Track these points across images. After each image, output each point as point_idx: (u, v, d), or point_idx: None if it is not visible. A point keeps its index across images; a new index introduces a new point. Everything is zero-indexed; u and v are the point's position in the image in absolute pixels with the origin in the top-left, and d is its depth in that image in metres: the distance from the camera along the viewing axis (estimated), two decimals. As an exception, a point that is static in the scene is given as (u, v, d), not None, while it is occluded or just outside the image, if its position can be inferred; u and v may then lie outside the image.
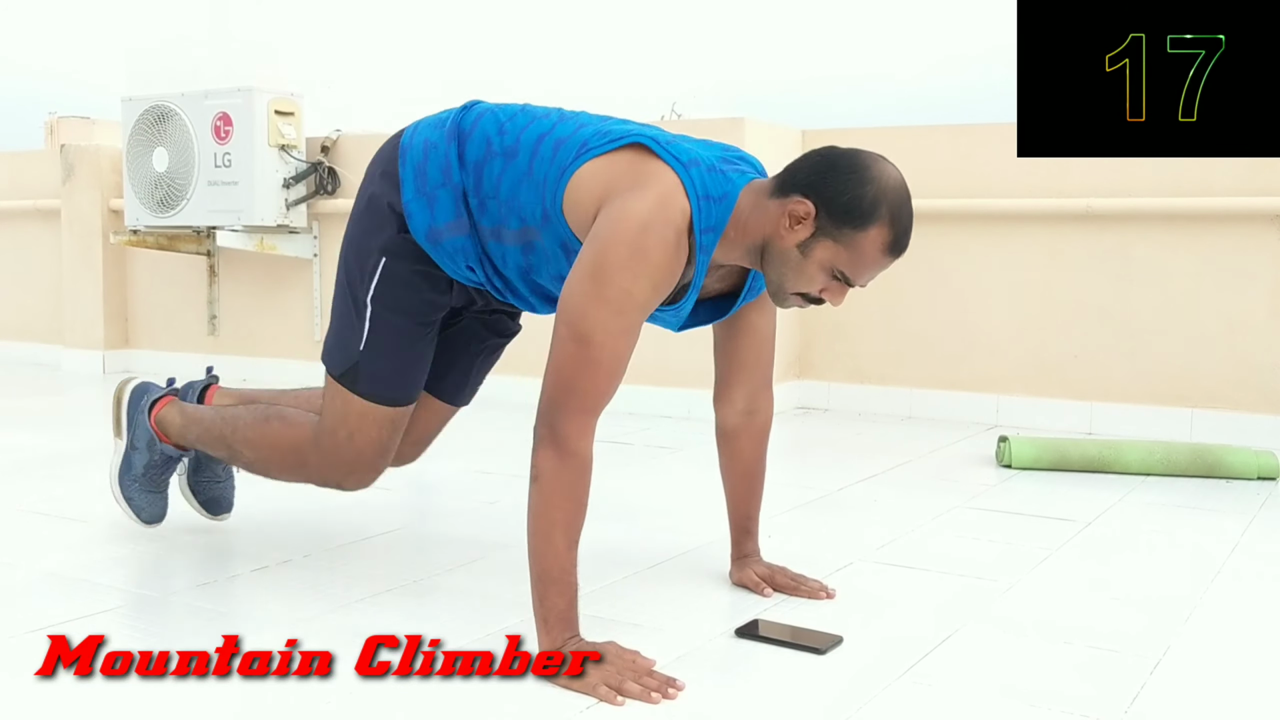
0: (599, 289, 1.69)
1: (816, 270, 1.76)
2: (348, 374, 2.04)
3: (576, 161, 1.80)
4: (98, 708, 1.58)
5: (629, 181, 1.75)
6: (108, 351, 5.40)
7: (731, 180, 1.80)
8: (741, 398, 2.10)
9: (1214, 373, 3.78)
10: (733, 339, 2.07)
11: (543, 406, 1.71)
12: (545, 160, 1.84)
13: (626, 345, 1.72)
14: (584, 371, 1.69)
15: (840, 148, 1.78)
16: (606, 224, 1.72)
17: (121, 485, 2.34)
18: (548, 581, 1.70)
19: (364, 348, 2.02)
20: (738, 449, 2.13)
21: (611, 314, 1.69)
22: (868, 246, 1.73)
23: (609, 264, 1.69)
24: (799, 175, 1.76)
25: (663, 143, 1.79)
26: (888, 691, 1.65)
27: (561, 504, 1.69)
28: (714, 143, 1.92)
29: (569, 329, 1.70)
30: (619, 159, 1.79)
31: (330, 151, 4.81)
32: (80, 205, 5.42)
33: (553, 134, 1.87)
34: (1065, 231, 3.97)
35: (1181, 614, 2.01)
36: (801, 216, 1.73)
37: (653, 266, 1.70)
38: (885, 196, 1.72)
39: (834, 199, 1.71)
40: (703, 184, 1.76)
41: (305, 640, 1.87)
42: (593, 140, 1.82)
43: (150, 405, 2.31)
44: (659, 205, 1.71)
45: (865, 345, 4.31)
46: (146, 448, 2.31)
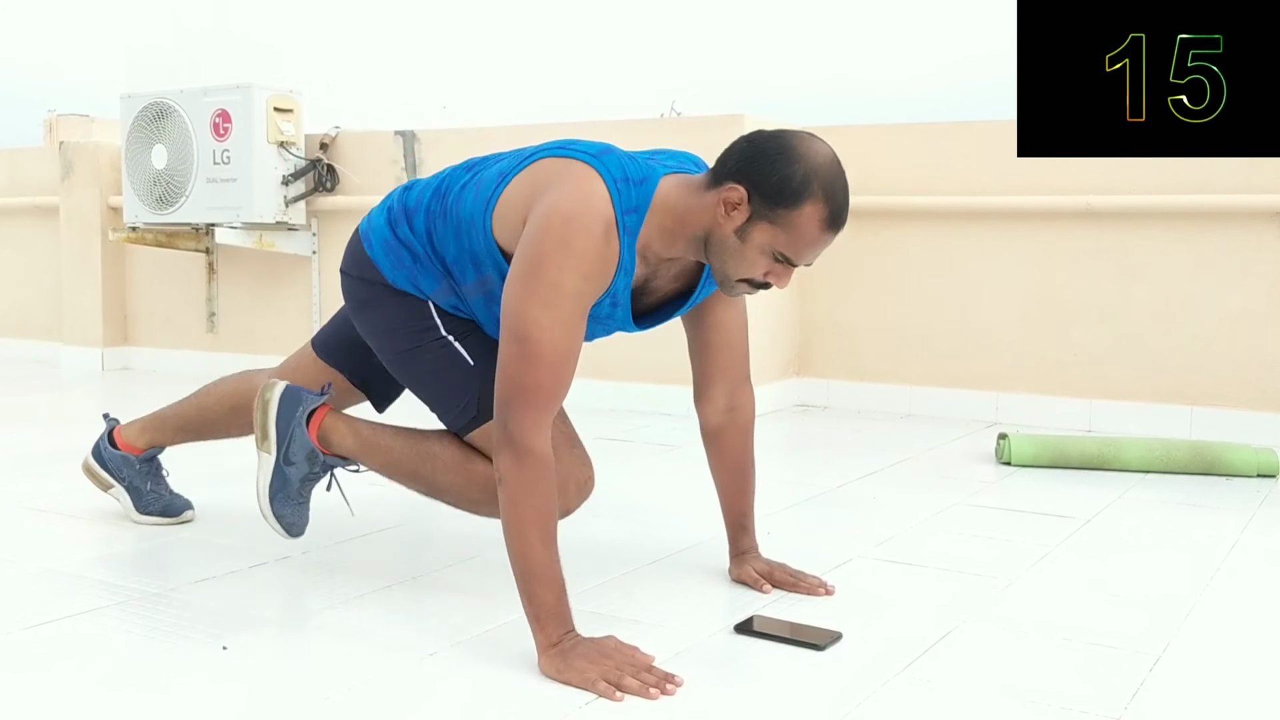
0: (528, 286, 1.72)
1: (756, 254, 1.77)
2: (482, 399, 1.94)
3: (497, 190, 1.86)
4: (98, 707, 1.58)
5: (547, 183, 1.79)
6: (106, 349, 5.40)
7: (651, 167, 1.83)
8: (721, 395, 2.11)
9: (1214, 370, 3.78)
10: (703, 338, 2.09)
11: (496, 410, 1.74)
12: (469, 202, 1.90)
13: (565, 338, 1.73)
14: (527, 369, 1.71)
15: (767, 130, 1.80)
16: (531, 226, 1.76)
17: (273, 504, 2.13)
18: (532, 580, 1.70)
19: (474, 361, 1.97)
20: (724, 447, 2.14)
21: (543, 308, 1.71)
22: (804, 224, 1.73)
23: (536, 260, 1.72)
24: (729, 163, 1.77)
25: (573, 146, 1.84)
26: (886, 688, 1.65)
27: (528, 502, 1.71)
28: (661, 150, 1.95)
29: (508, 330, 1.73)
30: (534, 170, 1.84)
31: (329, 148, 4.80)
32: (79, 202, 5.41)
33: (473, 181, 1.93)
34: (1065, 229, 3.97)
35: (1181, 611, 2.01)
36: (735, 203, 1.74)
37: (579, 257, 1.72)
38: (816, 173, 1.72)
39: (764, 181, 1.73)
40: (619, 168, 1.79)
41: (304, 636, 1.87)
42: (507, 167, 1.88)
43: (307, 416, 2.12)
44: (578, 196, 1.74)
45: (864, 342, 4.31)
46: (305, 460, 2.11)
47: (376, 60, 7.29)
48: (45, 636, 1.83)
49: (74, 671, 1.70)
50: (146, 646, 1.80)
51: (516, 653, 1.74)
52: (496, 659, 1.74)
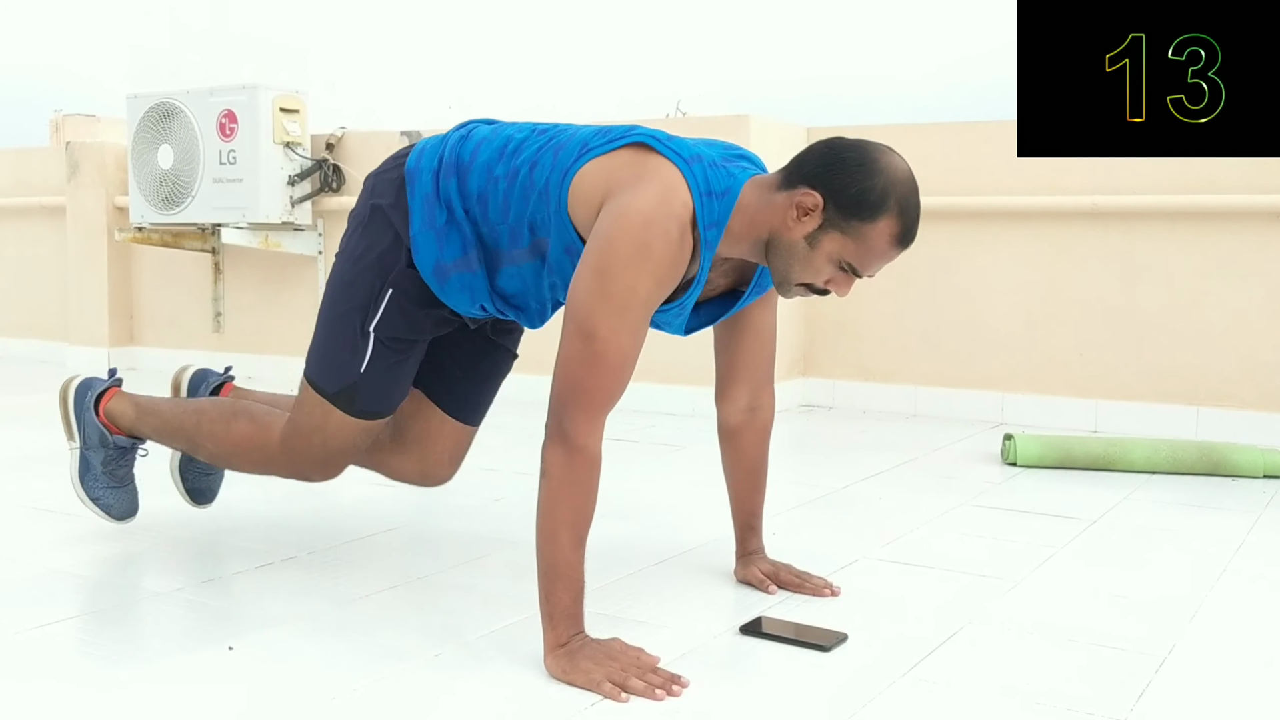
0: (603, 286, 1.69)
1: (824, 262, 1.75)
2: (343, 393, 2.02)
3: (578, 162, 1.80)
4: (103, 707, 1.59)
5: (630, 177, 1.74)
6: (113, 348, 5.41)
7: (734, 175, 1.80)
8: (744, 395, 2.10)
9: (1220, 370, 3.77)
10: (735, 337, 2.07)
11: (552, 404, 1.71)
12: (546, 167, 1.84)
13: (633, 342, 1.72)
14: (591, 369, 1.69)
15: (847, 139, 1.77)
16: (609, 220, 1.72)
17: (85, 487, 2.30)
18: (553, 578, 1.70)
19: (364, 371, 2.01)
20: (741, 446, 2.13)
21: (616, 310, 1.69)
22: (876, 238, 1.72)
23: (613, 260, 1.69)
24: (806, 167, 1.75)
25: (663, 140, 1.79)
26: (892, 689, 1.65)
27: (569, 500, 1.69)
28: (715, 141, 1.91)
29: (575, 326, 1.70)
30: (620, 157, 1.79)
31: (335, 149, 4.81)
32: (85, 202, 5.42)
33: (551, 144, 1.87)
34: (1070, 229, 3.96)
35: (1186, 613, 2.01)
36: (809, 208, 1.72)
37: (655, 262, 1.69)
38: (894, 188, 1.71)
39: (842, 191, 1.71)
40: (705, 179, 1.76)
41: (310, 637, 1.87)
42: (593, 140, 1.83)
43: (95, 400, 2.29)
44: (661, 200, 1.71)
45: (870, 343, 4.31)
46: (99, 443, 2.29)
47: (383, 60, 7.31)
48: (50, 637, 1.84)
49: (78, 672, 1.70)
50: (151, 647, 1.80)
51: (522, 653, 1.75)
52: (502, 660, 1.74)
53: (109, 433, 2.28)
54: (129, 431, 2.29)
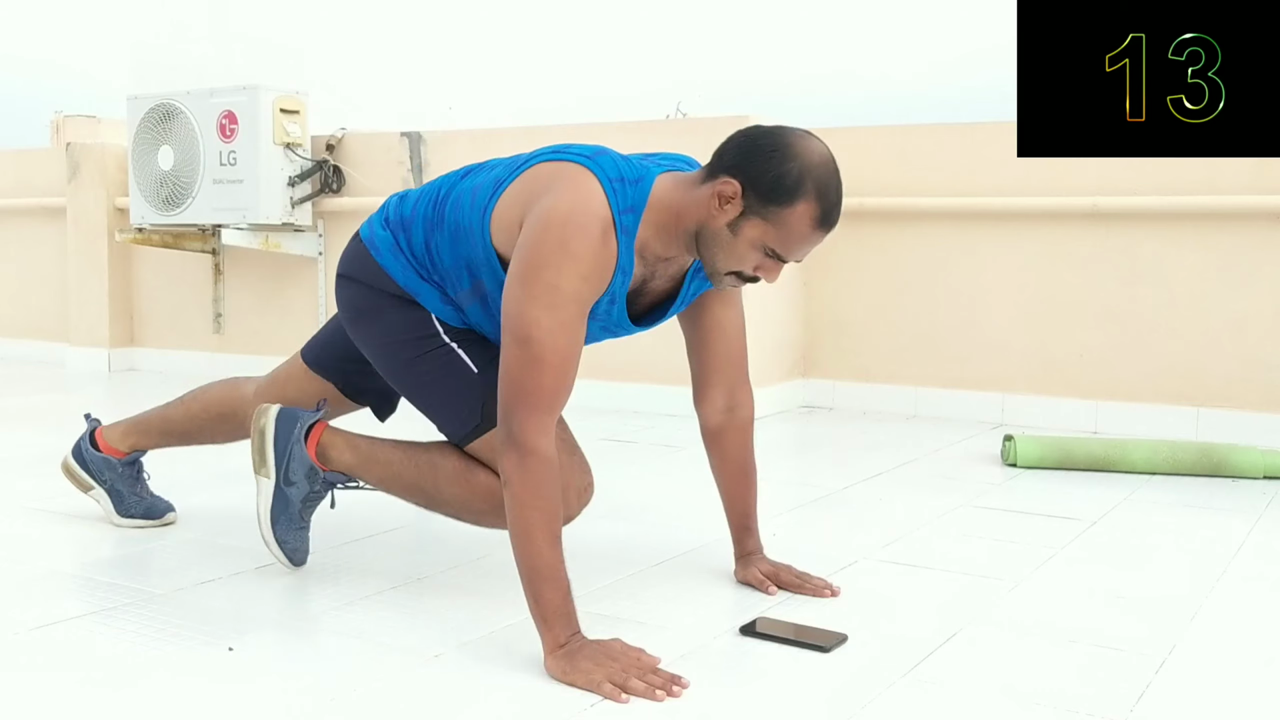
0: (528, 289, 1.72)
1: (747, 249, 1.77)
2: (486, 408, 1.91)
3: (494, 197, 1.86)
4: (103, 708, 1.59)
5: (542, 188, 1.79)
6: (113, 349, 5.41)
7: (645, 167, 1.84)
8: (720, 396, 2.11)
9: (1220, 371, 3.77)
10: (701, 338, 2.09)
11: (500, 413, 1.74)
12: (465, 208, 1.90)
13: (568, 341, 1.74)
14: (529, 371, 1.71)
15: (765, 125, 1.80)
16: (528, 229, 1.76)
17: (275, 528, 2.11)
18: (538, 580, 1.71)
19: (478, 370, 1.95)
20: (725, 447, 2.14)
21: (544, 310, 1.71)
22: (795, 222, 1.74)
23: (534, 263, 1.72)
24: (725, 157, 1.78)
25: (565, 149, 1.84)
26: (892, 690, 1.65)
27: (533, 503, 1.71)
28: (653, 153, 1.95)
29: (509, 333, 1.74)
30: (528, 177, 1.84)
31: (335, 150, 4.81)
32: (85, 203, 5.42)
33: (469, 187, 1.93)
34: (1071, 230, 3.96)
35: (1187, 613, 2.00)
36: (729, 196, 1.75)
37: (577, 258, 1.72)
38: (810, 172, 1.73)
39: (759, 177, 1.73)
40: (613, 168, 1.79)
41: (310, 638, 1.87)
42: (503, 174, 1.88)
43: (305, 433, 2.08)
44: (575, 199, 1.75)
45: (870, 344, 4.31)
46: (305, 479, 2.08)
47: (383, 61, 7.31)
48: (50, 637, 1.84)
49: (79, 672, 1.70)
50: (152, 648, 1.80)
51: (522, 654, 1.75)
52: (502, 660, 1.74)
53: (319, 469, 2.07)
54: (348, 473, 2.10)
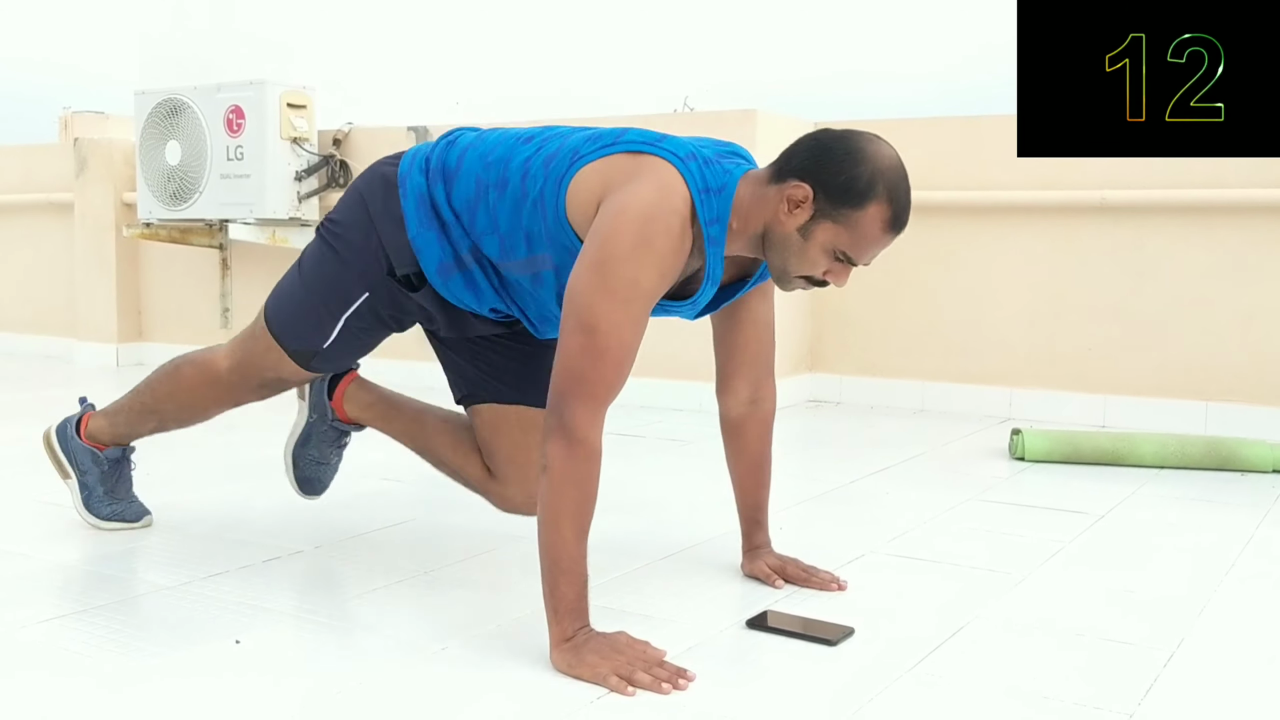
0: (603, 279, 1.69)
1: (819, 253, 1.76)
2: (300, 353, 2.12)
3: (571, 169, 1.82)
4: (110, 701, 1.59)
5: (626, 176, 1.76)
6: (121, 345, 5.42)
7: (728, 171, 1.81)
8: (745, 387, 2.10)
9: (1229, 365, 3.76)
10: (734, 329, 2.07)
11: (552, 398, 1.71)
12: (538, 178, 1.85)
13: (633, 335, 1.72)
14: (591, 362, 1.69)
15: (833, 129, 1.79)
16: (607, 216, 1.72)
17: (93, 512, 2.40)
18: (557, 571, 1.70)
19: (328, 347, 2.11)
20: (744, 439, 2.13)
21: (617, 304, 1.69)
22: (867, 225, 1.73)
23: (613, 254, 1.69)
24: (795, 160, 1.76)
25: (655, 141, 1.81)
26: (898, 684, 1.65)
27: (570, 493, 1.69)
28: (706, 139, 1.92)
29: (575, 320, 1.70)
30: (614, 160, 1.80)
31: (342, 144, 4.81)
32: (93, 199, 5.43)
33: (540, 154, 1.88)
34: (1078, 224, 3.95)
35: (1194, 608, 2.00)
36: (800, 200, 1.74)
37: (658, 255, 1.70)
38: (881, 175, 1.72)
39: (830, 180, 1.72)
40: (701, 177, 1.77)
41: (316, 631, 1.87)
42: (584, 148, 1.84)
43: (75, 428, 2.40)
44: (660, 194, 1.72)
45: (877, 338, 4.30)
46: (92, 463, 2.38)
47: (390, 56, 7.31)
48: (57, 630, 1.84)
49: (86, 665, 1.70)
50: (159, 641, 1.80)
51: (528, 647, 1.74)
52: (508, 654, 1.74)
53: (97, 451, 2.38)
54: (111, 441, 2.39)
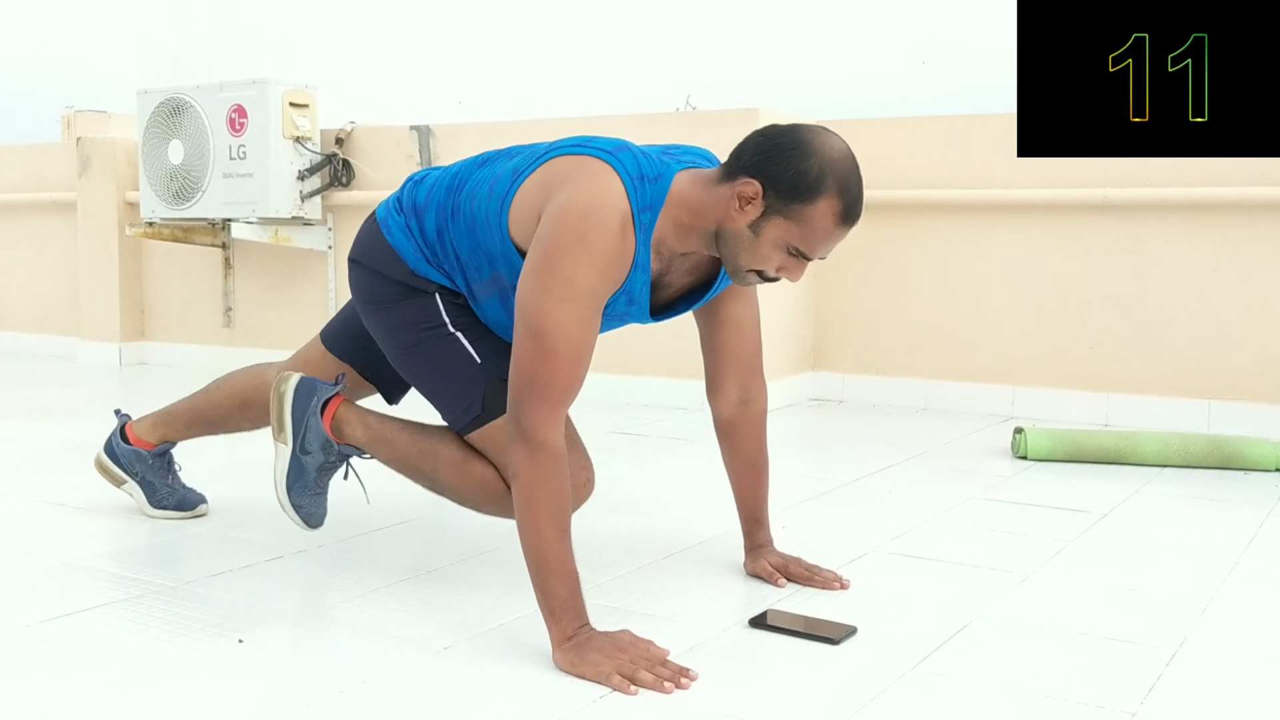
0: (544, 281, 1.71)
1: (770, 248, 1.77)
2: (486, 400, 1.94)
3: (512, 188, 1.85)
4: (113, 700, 1.59)
5: (561, 180, 1.79)
6: (124, 343, 5.42)
7: (666, 164, 1.83)
8: (734, 388, 2.11)
9: (1232, 364, 3.76)
10: (716, 332, 2.09)
11: (510, 404, 1.74)
12: (484, 200, 1.89)
13: (581, 334, 1.73)
14: (541, 364, 1.71)
15: (782, 125, 1.79)
16: (546, 221, 1.75)
17: (290, 493, 2.16)
18: (546, 572, 1.70)
19: (481, 360, 1.97)
20: (738, 439, 2.14)
21: (558, 303, 1.71)
22: (818, 219, 1.73)
23: (551, 255, 1.72)
24: (744, 157, 1.77)
25: (588, 143, 1.83)
26: (901, 682, 1.65)
27: (542, 495, 1.71)
28: (672, 145, 1.94)
29: (523, 324, 1.73)
30: (548, 169, 1.83)
31: (345, 143, 4.81)
32: (96, 198, 5.44)
33: (487, 177, 1.92)
34: (1081, 222, 3.95)
35: (1197, 607, 2.00)
36: (750, 197, 1.74)
37: (595, 252, 1.71)
38: (830, 168, 1.72)
39: (779, 176, 1.73)
40: (634, 165, 1.79)
41: (320, 630, 1.87)
42: (522, 164, 1.87)
43: (321, 406, 2.13)
44: (594, 192, 1.74)
45: (880, 337, 4.30)
46: (321, 449, 2.13)
47: (392, 55, 7.31)
48: (61, 629, 1.84)
49: (90, 664, 1.71)
50: (162, 640, 1.80)
51: (531, 646, 1.75)
52: (511, 653, 1.74)
53: (334, 442, 2.12)
54: (361, 448, 2.14)
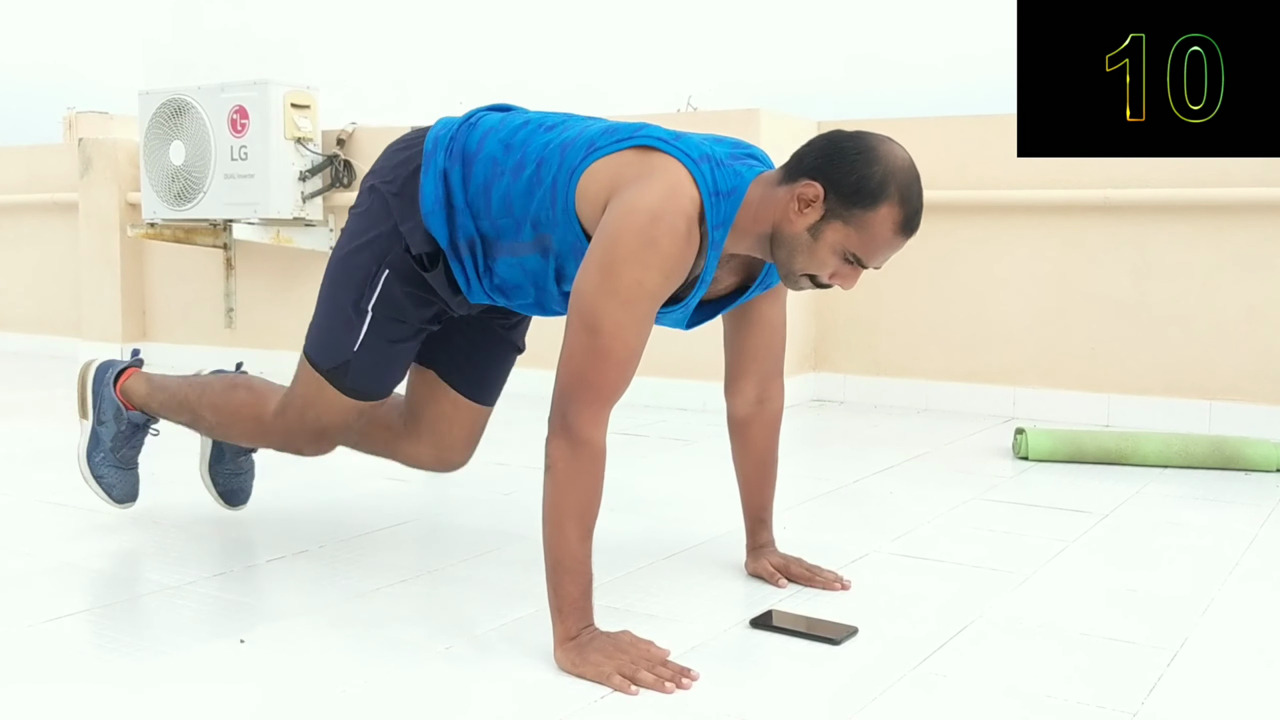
0: (609, 280, 1.69)
1: (828, 253, 1.75)
2: (336, 370, 2.06)
3: (585, 160, 1.80)
4: (115, 700, 1.59)
5: (636, 174, 1.75)
6: (125, 344, 5.43)
7: (740, 174, 1.80)
8: (752, 387, 2.10)
9: (1233, 364, 3.76)
10: (743, 330, 2.07)
11: (556, 397, 1.71)
12: (553, 165, 1.84)
13: (637, 336, 1.72)
14: (595, 362, 1.69)
15: (846, 130, 1.78)
16: (615, 215, 1.72)
17: (90, 463, 2.36)
18: (562, 571, 1.70)
19: (359, 349, 2.04)
20: (750, 439, 2.13)
21: (621, 304, 1.69)
22: (878, 226, 1.72)
23: (619, 255, 1.69)
24: (806, 159, 1.76)
25: (670, 139, 1.80)
26: (902, 683, 1.65)
27: (574, 493, 1.69)
28: (724, 138, 1.91)
29: (580, 320, 1.70)
30: (627, 156, 1.78)
31: (346, 144, 4.82)
32: (98, 199, 5.44)
33: (558, 139, 1.87)
34: (1083, 223, 3.95)
35: (1198, 607, 2.00)
36: (810, 199, 1.72)
37: (663, 256, 1.69)
38: (894, 176, 1.71)
39: (842, 180, 1.71)
40: (713, 179, 1.76)
41: (321, 630, 1.88)
42: (600, 140, 1.82)
43: (115, 378, 2.35)
44: (668, 195, 1.71)
45: (881, 337, 4.30)
46: (113, 419, 2.34)
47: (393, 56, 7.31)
48: (61, 630, 1.84)
49: (90, 665, 1.71)
50: (163, 640, 1.81)
51: (532, 646, 1.75)
52: (512, 653, 1.74)
53: (124, 408, 2.33)
54: (141, 407, 2.34)
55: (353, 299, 2.04)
